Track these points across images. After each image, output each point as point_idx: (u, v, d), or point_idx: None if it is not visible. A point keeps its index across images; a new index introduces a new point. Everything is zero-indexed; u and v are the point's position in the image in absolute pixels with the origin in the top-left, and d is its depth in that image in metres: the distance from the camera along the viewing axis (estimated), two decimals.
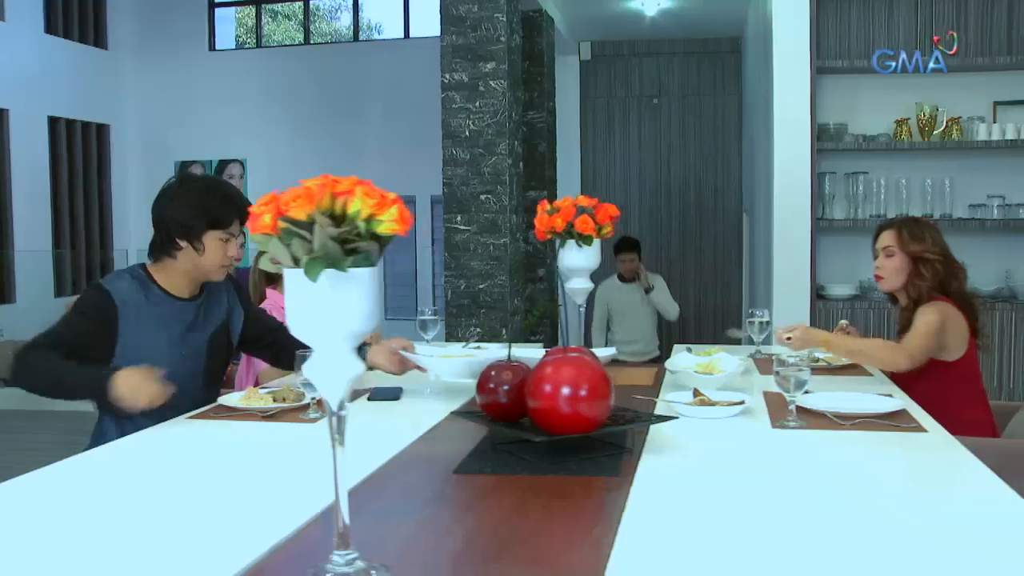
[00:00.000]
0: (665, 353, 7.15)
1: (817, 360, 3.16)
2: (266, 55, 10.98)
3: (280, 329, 2.84)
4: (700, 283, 8.23)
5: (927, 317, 2.95)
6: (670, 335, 7.30)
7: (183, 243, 2.49)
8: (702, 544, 1.47)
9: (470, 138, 5.37)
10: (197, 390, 2.56)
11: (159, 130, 10.73)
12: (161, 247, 2.53)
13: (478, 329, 5.43)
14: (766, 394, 2.61)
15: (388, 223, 1.30)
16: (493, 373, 2.10)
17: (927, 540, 1.47)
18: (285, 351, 2.76)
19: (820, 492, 1.75)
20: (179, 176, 2.67)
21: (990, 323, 5.06)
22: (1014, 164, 5.28)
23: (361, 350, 2.62)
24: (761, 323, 3.29)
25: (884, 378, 2.97)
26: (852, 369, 3.09)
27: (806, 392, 2.57)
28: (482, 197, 5.37)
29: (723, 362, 2.75)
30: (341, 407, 1.37)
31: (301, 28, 13.01)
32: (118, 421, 2.45)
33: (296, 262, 1.29)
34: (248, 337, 2.79)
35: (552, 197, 7.13)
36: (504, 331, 5.41)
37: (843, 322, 3.38)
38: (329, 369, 1.34)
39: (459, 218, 5.42)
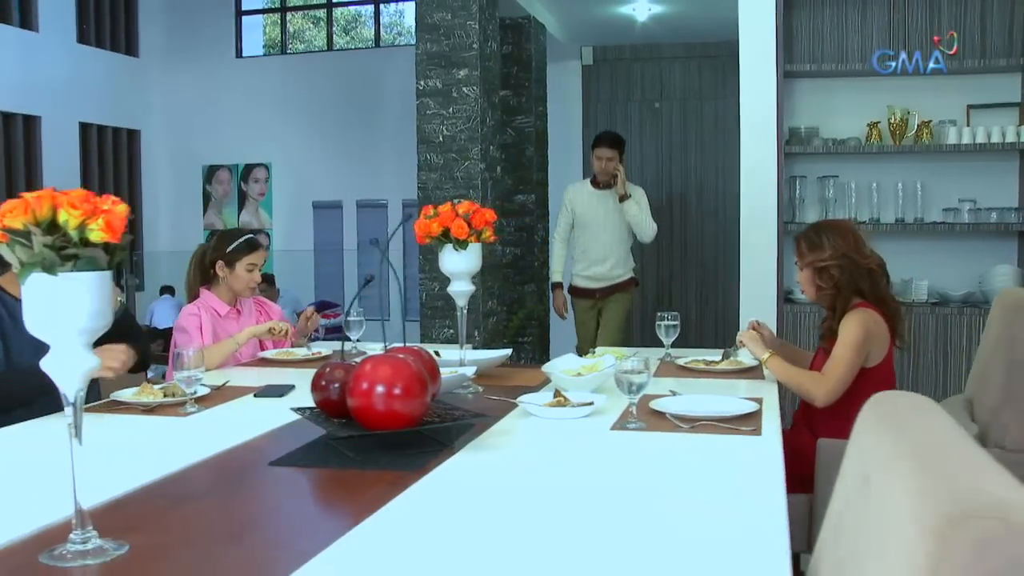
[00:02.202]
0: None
1: (717, 363, 3.20)
2: (291, 61, 11.23)
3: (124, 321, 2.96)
4: (702, 287, 8.23)
5: (846, 338, 2.91)
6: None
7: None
8: (434, 539, 1.55)
9: (443, 143, 5.48)
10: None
11: (187, 135, 11.03)
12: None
13: (451, 330, 5.54)
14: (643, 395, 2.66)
15: (98, 231, 1.41)
16: (327, 371, 2.20)
17: (666, 540, 1.54)
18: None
19: (598, 490, 1.82)
20: None
21: (960, 328, 5.03)
22: (985, 167, 5.23)
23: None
24: (668, 327, 3.34)
25: (773, 382, 2.99)
26: (750, 372, 3.12)
27: (673, 394, 2.65)
28: (455, 202, 5.46)
29: (604, 363, 2.81)
30: (77, 400, 1.49)
31: (343, 33, 13.31)
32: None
33: (22, 266, 1.42)
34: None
35: (541, 201, 7.21)
36: (476, 333, 5.50)
37: (753, 320, 3.39)
38: (64, 364, 1.47)
39: None
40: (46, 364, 1.46)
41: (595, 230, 5.43)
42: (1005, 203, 5.17)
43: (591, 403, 2.44)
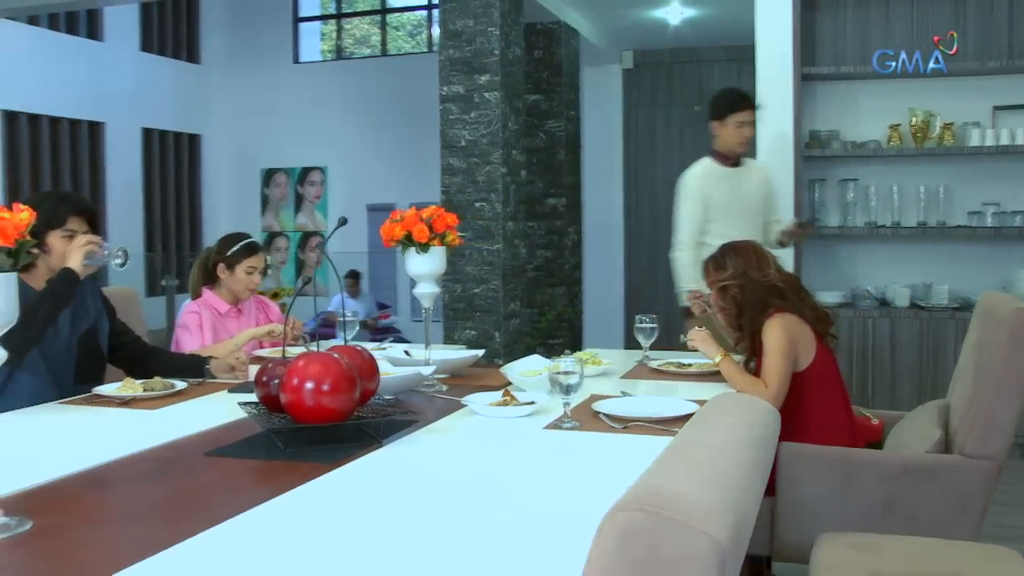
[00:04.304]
0: None
1: (688, 365, 3.23)
2: (346, 67, 11.48)
3: (135, 343, 3.14)
4: None
5: (771, 345, 2.92)
6: None
7: (35, 250, 2.79)
8: (309, 528, 1.65)
9: (466, 148, 5.59)
10: (68, 387, 2.84)
11: (246, 139, 11.36)
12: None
13: (473, 332, 5.64)
14: (592, 396, 2.72)
15: None
16: (269, 367, 2.31)
17: (521, 531, 1.62)
18: (137, 363, 3.07)
19: (494, 484, 1.90)
20: None
21: None
22: (1010, 170, 5.14)
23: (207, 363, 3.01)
24: (646, 329, 3.38)
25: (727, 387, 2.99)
26: (718, 375, 3.13)
27: (624, 395, 2.70)
28: (477, 205, 5.58)
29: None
30: None
31: (409, 37, 13.54)
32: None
33: None
34: (112, 347, 3.08)
35: (573, 204, 7.27)
36: (497, 334, 5.60)
37: (694, 290, 3.41)
38: None
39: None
40: None
41: (738, 220, 4.14)
42: None
43: (533, 402, 2.50)
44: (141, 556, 1.44)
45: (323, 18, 11.80)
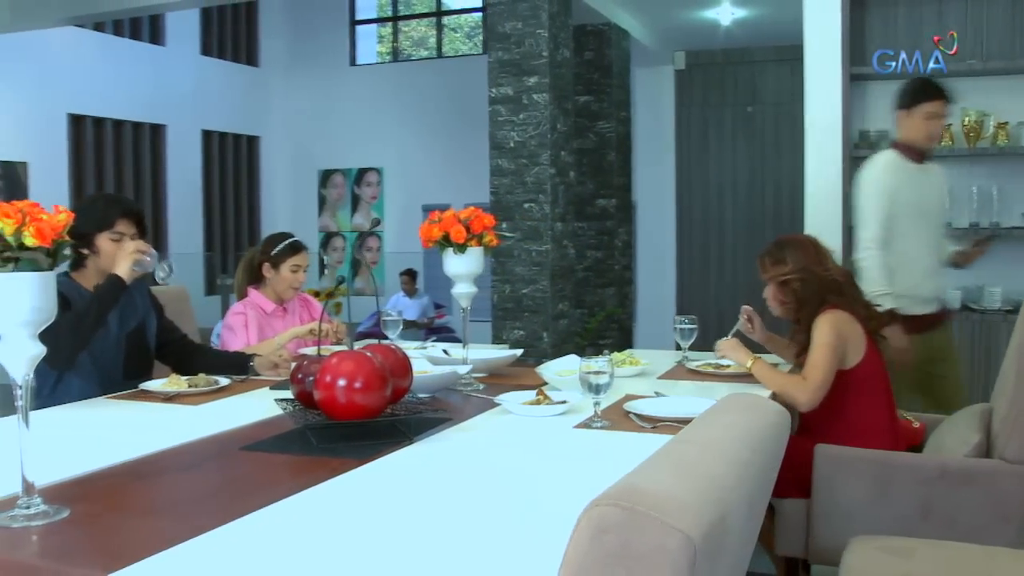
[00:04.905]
0: None
1: (726, 367, 3.23)
2: (402, 69, 11.61)
3: (182, 340, 3.23)
4: None
5: (819, 340, 2.92)
6: None
7: (84, 251, 2.90)
8: (327, 522, 1.70)
9: (514, 149, 5.63)
10: (116, 383, 2.94)
11: (304, 141, 11.55)
12: (75, 260, 2.93)
13: (521, 332, 5.68)
14: (626, 396, 2.74)
15: (30, 237, 1.61)
16: (304, 364, 2.37)
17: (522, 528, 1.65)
18: (183, 360, 3.17)
19: (511, 481, 1.93)
20: None
21: None
22: None
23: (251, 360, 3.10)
24: (684, 330, 3.38)
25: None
26: (749, 377, 3.12)
27: (657, 395, 2.72)
28: (525, 206, 5.62)
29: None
30: (25, 383, 1.69)
31: (466, 39, 13.65)
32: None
33: None
34: (159, 343, 3.18)
35: (624, 205, 7.27)
36: (545, 334, 5.63)
37: (747, 308, 3.40)
38: (12, 352, 1.67)
39: (504, 225, 5.68)
40: None
41: (922, 224, 3.85)
42: None
43: (565, 401, 2.53)
44: (170, 543, 1.50)
45: (379, 21, 11.95)
